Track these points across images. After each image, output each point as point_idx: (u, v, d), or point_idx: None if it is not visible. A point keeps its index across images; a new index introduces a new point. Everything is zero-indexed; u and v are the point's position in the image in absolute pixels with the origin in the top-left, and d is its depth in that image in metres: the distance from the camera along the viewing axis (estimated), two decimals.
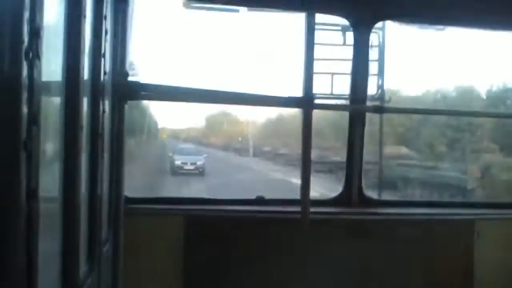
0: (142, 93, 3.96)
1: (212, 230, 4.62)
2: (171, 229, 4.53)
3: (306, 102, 3.64)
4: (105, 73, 3.03)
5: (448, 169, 17.26)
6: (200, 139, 29.04)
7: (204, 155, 23.00)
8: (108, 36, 3.23)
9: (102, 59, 2.96)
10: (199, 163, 21.87)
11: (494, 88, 17.74)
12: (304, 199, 3.66)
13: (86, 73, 2.62)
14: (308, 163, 3.64)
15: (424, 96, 18.90)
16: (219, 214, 4.72)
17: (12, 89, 1.40)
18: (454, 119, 17.01)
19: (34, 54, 1.54)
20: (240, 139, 27.42)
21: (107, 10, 3.09)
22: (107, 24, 3.13)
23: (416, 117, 17.45)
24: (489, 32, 5.83)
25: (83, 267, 2.63)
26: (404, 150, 18.27)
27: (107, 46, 3.15)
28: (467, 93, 18.17)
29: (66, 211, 2.18)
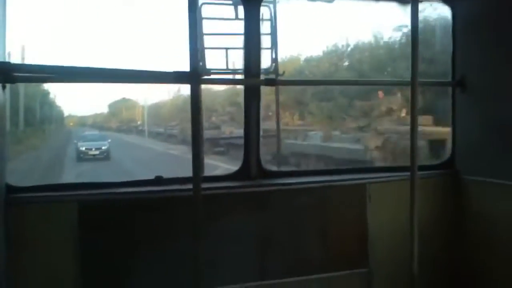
0: (16, 74, 3.67)
1: (107, 214, 4.44)
2: (63, 217, 4.28)
3: (193, 77, 3.56)
4: None
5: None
6: (103, 125, 30.17)
7: (108, 140, 23.80)
8: None
9: None
10: (104, 147, 22.95)
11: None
12: (196, 176, 3.61)
13: None
14: (198, 139, 3.59)
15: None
16: (114, 198, 4.54)
17: None
18: None
19: None
20: (138, 122, 29.61)
21: None
22: None
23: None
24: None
25: None
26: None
27: None
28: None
29: None
